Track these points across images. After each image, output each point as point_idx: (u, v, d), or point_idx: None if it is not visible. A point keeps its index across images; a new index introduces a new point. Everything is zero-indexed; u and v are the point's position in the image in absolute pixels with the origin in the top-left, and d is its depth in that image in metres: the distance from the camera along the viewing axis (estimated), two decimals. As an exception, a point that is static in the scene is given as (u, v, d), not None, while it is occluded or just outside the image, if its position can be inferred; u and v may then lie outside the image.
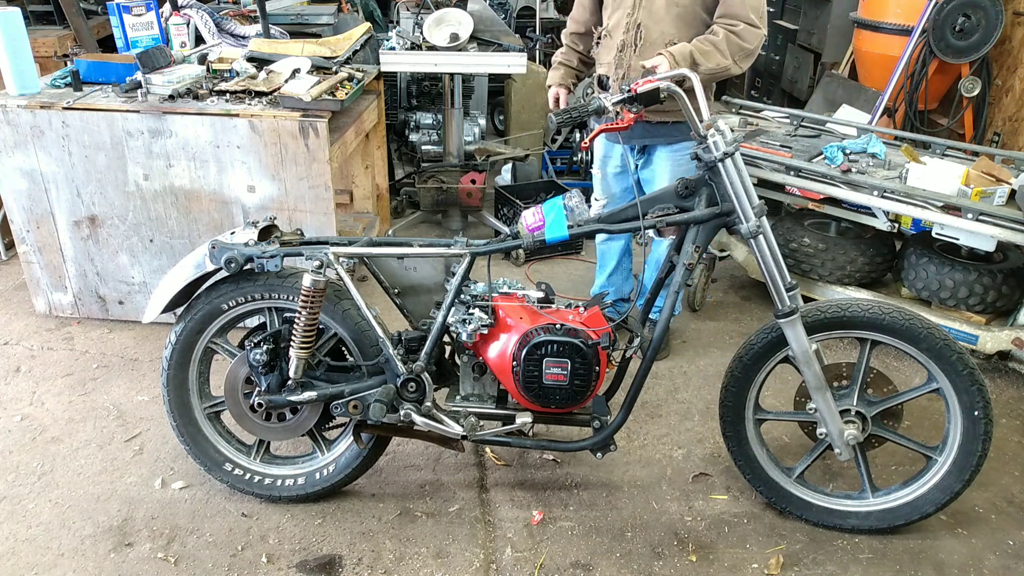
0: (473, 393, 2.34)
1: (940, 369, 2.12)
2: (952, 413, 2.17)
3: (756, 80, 6.60)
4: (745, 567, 2.24)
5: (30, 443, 2.68)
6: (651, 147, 2.89)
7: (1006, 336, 2.96)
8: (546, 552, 2.28)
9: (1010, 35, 4.18)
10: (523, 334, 2.14)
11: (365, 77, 3.46)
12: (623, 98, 2.01)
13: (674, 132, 2.80)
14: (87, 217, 3.18)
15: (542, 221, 2.14)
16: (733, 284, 3.92)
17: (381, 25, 5.61)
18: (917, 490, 2.25)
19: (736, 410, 2.30)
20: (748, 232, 2.03)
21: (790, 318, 2.08)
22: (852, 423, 2.21)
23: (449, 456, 2.64)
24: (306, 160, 3.01)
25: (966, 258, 3.13)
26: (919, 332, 2.09)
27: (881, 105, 4.32)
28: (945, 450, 2.21)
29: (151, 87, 3.06)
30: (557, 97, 3.03)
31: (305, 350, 2.21)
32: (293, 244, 2.23)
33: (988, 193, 2.83)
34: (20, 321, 3.41)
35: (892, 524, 2.29)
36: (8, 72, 3.06)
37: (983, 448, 2.14)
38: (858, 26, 4.71)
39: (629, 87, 2.00)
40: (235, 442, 2.45)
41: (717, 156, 2.01)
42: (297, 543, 2.29)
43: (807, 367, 2.13)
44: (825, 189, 3.11)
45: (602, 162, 3.07)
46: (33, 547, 2.25)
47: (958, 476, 2.19)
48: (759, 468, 2.35)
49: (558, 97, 3.03)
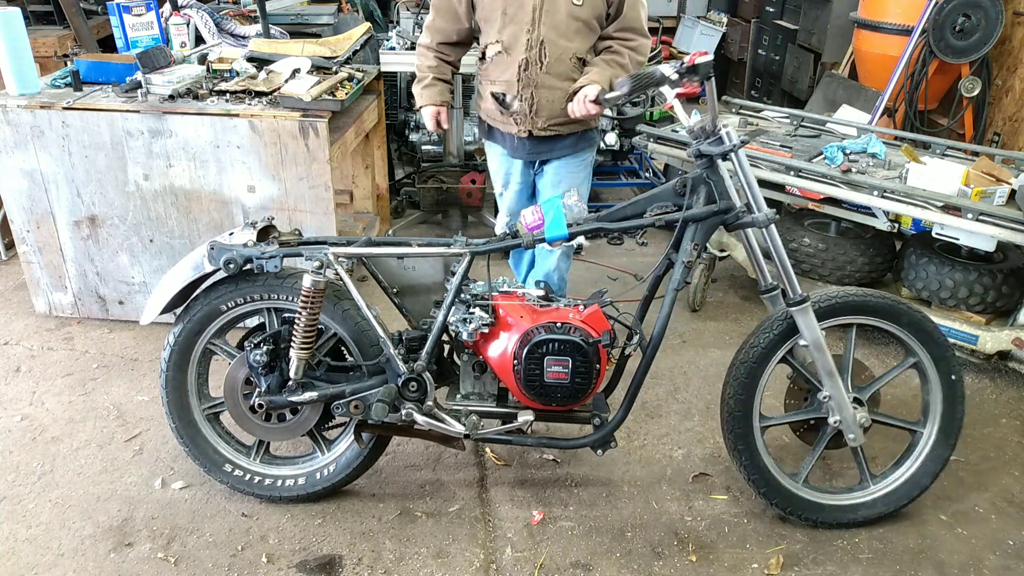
0: (474, 392, 2.34)
1: (919, 340, 2.26)
2: (931, 383, 2.30)
3: (756, 80, 6.60)
4: (745, 567, 2.24)
5: (30, 443, 2.68)
6: (546, 160, 2.79)
7: (1006, 336, 2.96)
8: (546, 552, 2.28)
9: (1010, 35, 4.18)
10: (524, 333, 2.14)
11: (365, 77, 3.46)
12: (683, 70, 2.02)
13: (565, 146, 2.72)
14: (87, 217, 3.18)
15: (541, 220, 2.14)
16: (733, 284, 3.92)
17: (381, 25, 5.61)
18: (911, 466, 2.35)
19: (745, 420, 2.25)
20: (765, 219, 2.08)
21: (802, 306, 2.12)
22: (856, 408, 2.26)
23: (449, 456, 2.64)
24: (306, 160, 3.01)
25: (966, 258, 3.13)
26: (899, 310, 2.22)
27: (881, 105, 4.32)
28: (928, 421, 2.34)
29: (151, 87, 3.06)
30: (438, 117, 2.75)
31: (305, 350, 2.21)
32: (292, 244, 2.23)
33: (988, 193, 2.83)
34: (20, 321, 3.41)
35: (898, 505, 2.35)
36: (8, 72, 3.06)
37: (963, 409, 2.31)
38: (858, 26, 4.71)
39: (686, 60, 2.02)
40: (235, 443, 2.44)
41: (729, 147, 2.04)
42: (297, 543, 2.29)
43: (820, 353, 2.16)
44: (825, 189, 3.11)
45: (504, 181, 2.90)
46: (33, 547, 2.25)
47: (946, 442, 2.32)
48: (772, 479, 2.30)
49: (439, 117, 2.75)
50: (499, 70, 2.62)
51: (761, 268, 2.17)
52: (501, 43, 2.58)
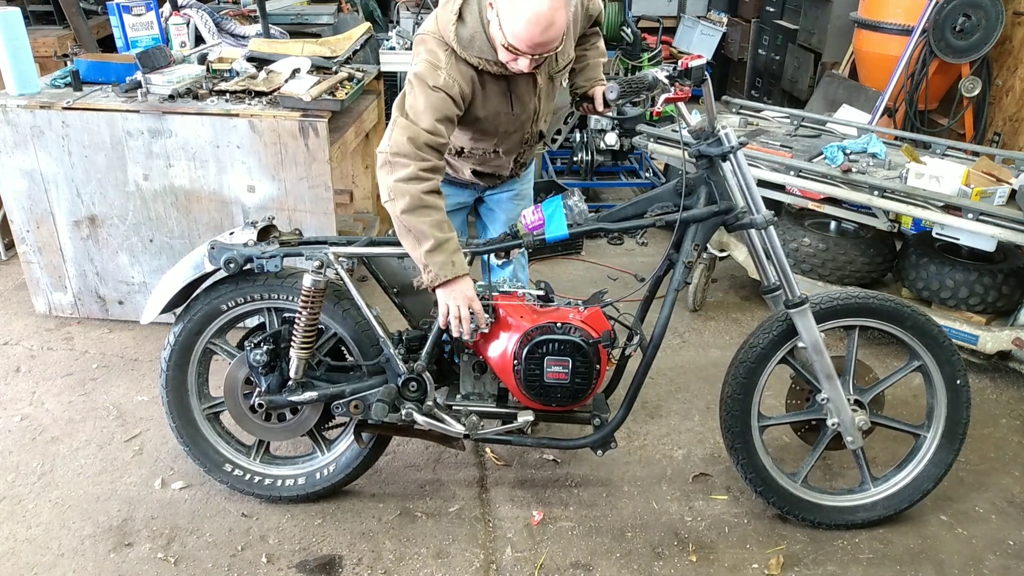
0: (474, 392, 2.34)
1: (924, 344, 2.23)
2: (935, 387, 2.27)
3: (756, 80, 6.60)
4: (745, 567, 2.24)
5: (30, 443, 2.68)
6: (486, 195, 2.61)
7: (1006, 336, 2.95)
8: (546, 552, 2.28)
9: (1010, 35, 4.18)
10: (524, 333, 2.14)
11: (365, 77, 3.46)
12: (675, 74, 2.02)
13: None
14: (87, 217, 3.18)
15: (542, 220, 2.14)
16: (733, 284, 3.92)
17: (381, 25, 5.61)
18: (913, 469, 2.34)
19: (743, 419, 2.27)
20: (764, 221, 2.08)
21: (800, 308, 2.11)
22: (855, 411, 2.25)
23: (449, 456, 2.64)
24: (306, 160, 3.01)
25: (966, 258, 3.13)
26: (903, 312, 2.20)
27: (881, 105, 4.32)
28: (932, 425, 2.31)
29: (151, 87, 3.05)
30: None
31: (305, 350, 2.21)
32: (292, 244, 2.23)
33: (988, 193, 2.83)
34: (20, 321, 3.41)
35: (899, 508, 2.34)
36: (8, 72, 3.06)
37: (968, 414, 2.28)
38: (858, 26, 4.71)
39: (679, 64, 2.02)
40: (235, 443, 2.44)
41: (728, 148, 2.04)
42: (297, 543, 2.29)
43: (819, 356, 2.15)
44: (825, 189, 3.11)
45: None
46: (33, 547, 2.25)
47: (949, 447, 2.30)
48: (770, 478, 2.32)
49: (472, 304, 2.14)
50: (489, 163, 2.42)
51: (763, 267, 2.16)
52: (498, 152, 2.36)
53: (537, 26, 1.89)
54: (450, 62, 2.05)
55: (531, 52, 1.96)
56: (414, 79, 2.05)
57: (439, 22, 2.08)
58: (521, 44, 1.93)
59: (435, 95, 2.02)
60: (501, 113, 2.21)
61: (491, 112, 2.19)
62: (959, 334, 3.00)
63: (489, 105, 2.17)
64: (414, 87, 2.04)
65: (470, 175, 2.44)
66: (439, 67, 2.04)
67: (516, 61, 2.00)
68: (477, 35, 2.03)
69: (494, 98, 2.17)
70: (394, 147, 2.00)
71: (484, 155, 2.37)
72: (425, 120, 2.00)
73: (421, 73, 2.04)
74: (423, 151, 1.99)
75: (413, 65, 2.10)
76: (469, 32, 2.04)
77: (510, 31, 1.92)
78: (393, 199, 2.00)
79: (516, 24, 1.90)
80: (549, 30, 1.91)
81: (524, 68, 2.01)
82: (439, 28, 2.07)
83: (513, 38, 1.93)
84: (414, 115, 2.01)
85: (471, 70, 2.07)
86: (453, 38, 2.03)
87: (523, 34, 1.91)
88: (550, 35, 1.93)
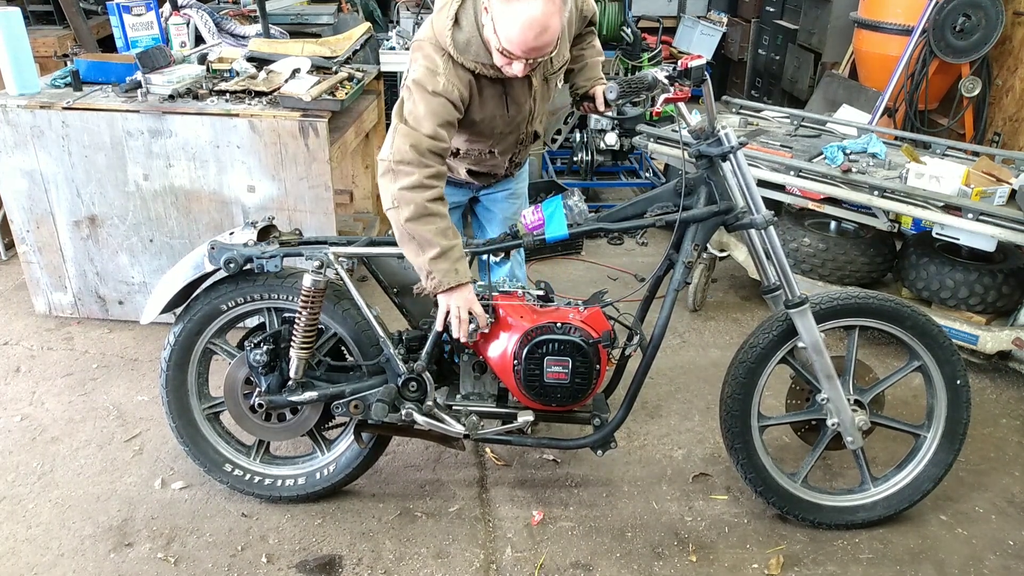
0: (474, 392, 2.34)
1: (924, 344, 2.23)
2: (935, 387, 2.27)
3: (756, 80, 6.60)
4: (745, 567, 2.24)
5: (30, 443, 2.68)
6: (481, 194, 2.62)
7: (1006, 336, 2.95)
8: (546, 552, 2.28)
9: (1010, 35, 4.18)
10: (524, 333, 2.14)
11: (365, 77, 3.46)
12: (675, 74, 2.02)
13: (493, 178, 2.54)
14: (87, 217, 3.18)
15: (542, 220, 2.14)
16: (733, 284, 3.92)
17: (381, 25, 5.61)
18: (913, 470, 2.34)
19: (743, 419, 2.27)
20: (764, 221, 2.08)
21: (800, 308, 2.11)
22: (855, 411, 2.25)
23: (449, 456, 2.64)
24: (306, 160, 3.01)
25: (966, 258, 3.13)
26: (903, 312, 2.20)
27: (881, 105, 4.32)
28: (932, 425, 2.32)
29: (151, 87, 3.06)
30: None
31: (305, 350, 2.21)
32: (292, 244, 2.23)
33: (988, 193, 2.83)
34: (20, 321, 3.41)
35: (899, 508, 2.34)
36: (8, 72, 3.06)
37: (968, 414, 2.28)
38: (858, 26, 4.71)
39: (678, 64, 2.01)
40: (235, 443, 2.44)
41: (727, 148, 2.04)
42: (297, 543, 2.29)
43: (818, 356, 2.16)
44: (825, 189, 3.11)
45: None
46: (33, 547, 2.25)
47: (949, 447, 2.30)
48: (770, 478, 2.32)
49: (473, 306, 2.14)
50: (485, 163, 2.42)
51: (763, 268, 2.16)
52: (494, 153, 2.37)
53: (531, 31, 1.89)
54: (448, 67, 2.04)
55: (525, 56, 1.96)
56: (413, 85, 2.04)
57: (435, 28, 2.07)
58: (515, 48, 1.93)
59: (435, 100, 2.02)
60: (497, 115, 2.21)
61: (487, 115, 2.19)
62: (959, 334, 3.00)
63: (486, 108, 2.17)
64: (413, 93, 2.04)
65: (465, 175, 2.44)
66: (437, 72, 2.03)
67: (511, 65, 2.00)
68: (473, 40, 2.03)
69: (490, 101, 2.17)
70: (397, 154, 1.99)
71: (480, 155, 2.37)
72: (426, 126, 1.99)
73: (420, 79, 2.03)
74: (426, 157, 1.99)
75: (411, 71, 2.09)
76: (465, 37, 2.03)
77: (504, 36, 1.92)
78: (397, 207, 2.00)
79: (510, 29, 1.90)
80: (543, 35, 1.91)
81: (519, 72, 2.01)
82: (435, 34, 2.07)
83: (507, 43, 1.93)
84: (415, 121, 2.01)
85: (468, 74, 2.07)
86: (450, 43, 2.03)
87: (517, 39, 1.91)
88: (544, 40, 1.92)
